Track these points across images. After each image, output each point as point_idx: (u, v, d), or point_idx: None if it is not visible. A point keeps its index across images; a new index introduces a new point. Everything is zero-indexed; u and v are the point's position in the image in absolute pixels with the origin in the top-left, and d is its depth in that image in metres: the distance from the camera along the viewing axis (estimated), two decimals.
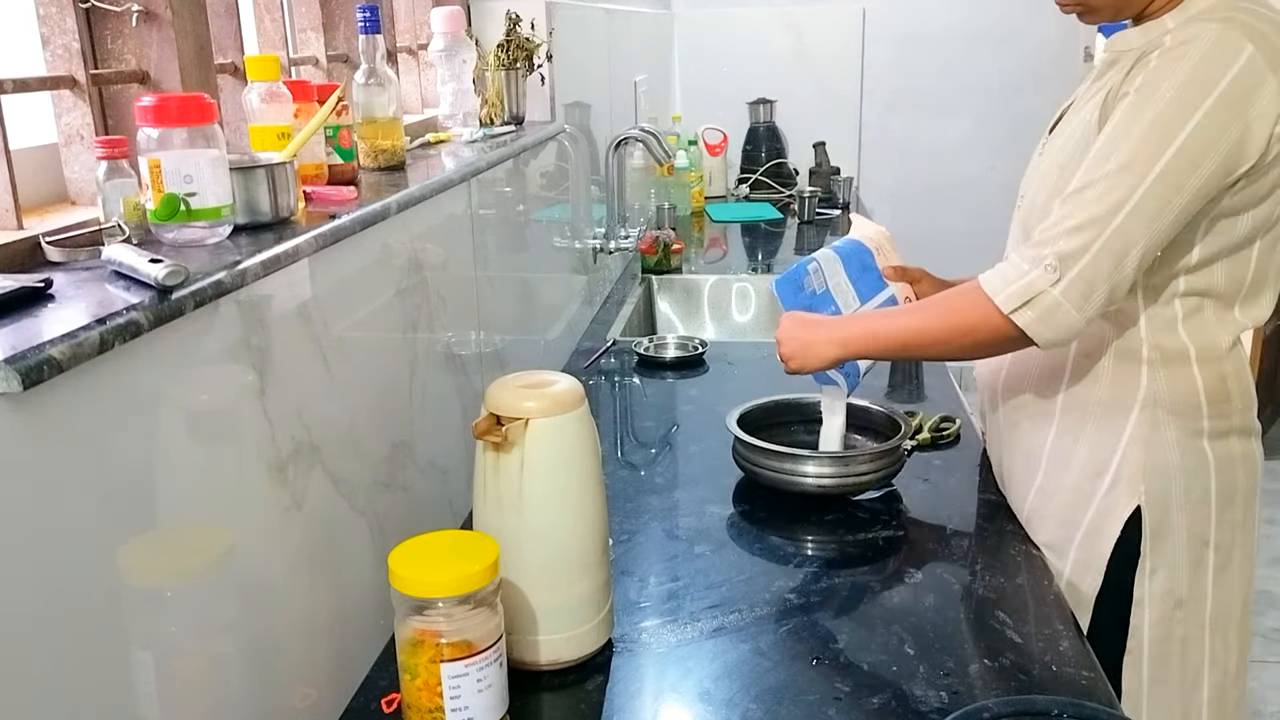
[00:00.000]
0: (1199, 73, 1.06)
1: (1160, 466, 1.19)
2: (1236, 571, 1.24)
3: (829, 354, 1.30)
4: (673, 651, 1.12)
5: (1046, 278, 1.09)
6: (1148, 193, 1.06)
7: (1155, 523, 1.19)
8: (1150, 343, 1.18)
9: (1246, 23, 1.07)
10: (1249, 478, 1.23)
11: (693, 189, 3.55)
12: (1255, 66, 1.05)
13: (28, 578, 0.62)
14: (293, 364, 0.93)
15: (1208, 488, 1.20)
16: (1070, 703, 0.98)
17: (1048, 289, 1.10)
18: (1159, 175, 1.06)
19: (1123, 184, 1.07)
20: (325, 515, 1.00)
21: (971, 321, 1.16)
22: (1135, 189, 1.06)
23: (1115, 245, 1.08)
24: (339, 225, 1.00)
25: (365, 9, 1.29)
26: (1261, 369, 3.81)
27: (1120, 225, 1.07)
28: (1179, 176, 1.06)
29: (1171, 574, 1.20)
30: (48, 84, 0.98)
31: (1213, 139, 1.05)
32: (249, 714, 0.88)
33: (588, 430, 1.06)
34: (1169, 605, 1.21)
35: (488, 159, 1.48)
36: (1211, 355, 1.18)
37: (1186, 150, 1.05)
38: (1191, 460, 1.19)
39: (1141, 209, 1.07)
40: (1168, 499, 1.19)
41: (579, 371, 2.03)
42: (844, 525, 1.39)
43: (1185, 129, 1.05)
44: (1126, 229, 1.07)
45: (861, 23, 3.91)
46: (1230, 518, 1.21)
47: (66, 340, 0.63)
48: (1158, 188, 1.06)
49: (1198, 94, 1.05)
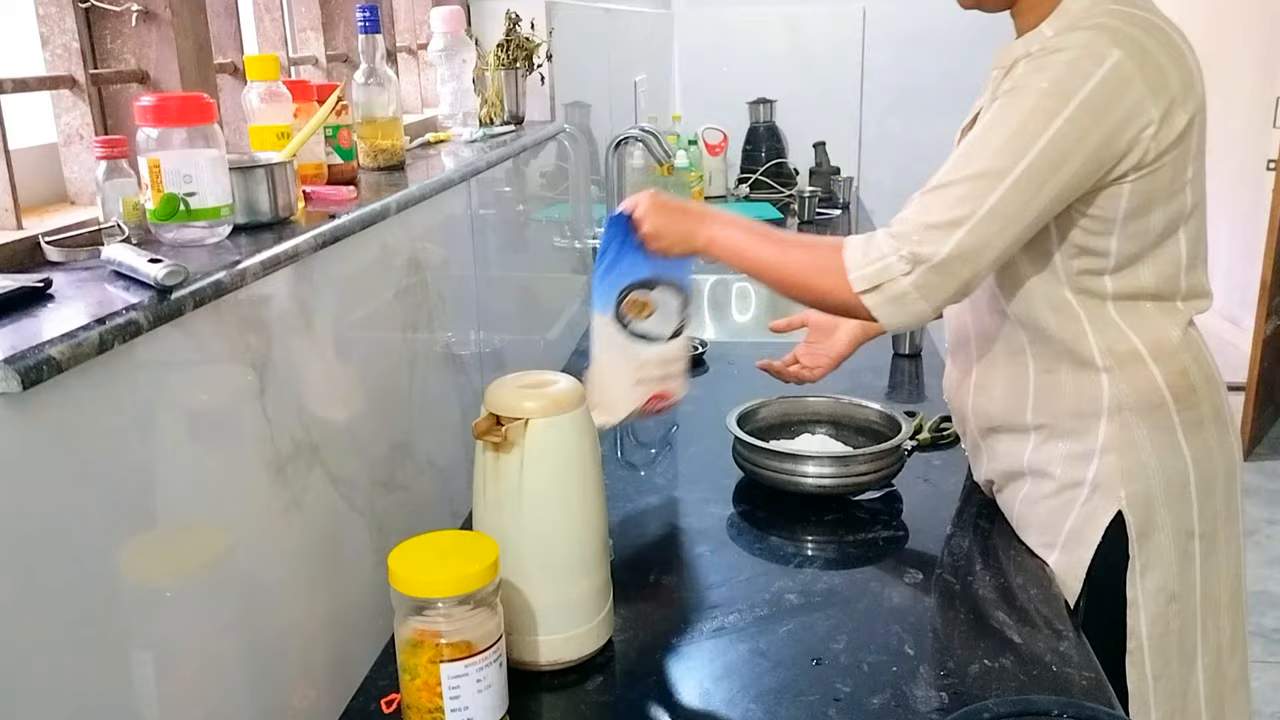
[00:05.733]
0: (1062, 80, 1.08)
1: (1138, 469, 1.19)
2: (1223, 554, 1.24)
3: (695, 245, 1.29)
4: (672, 652, 1.12)
5: (899, 267, 1.12)
6: (1004, 198, 1.09)
7: (1140, 523, 1.20)
8: (1101, 348, 1.19)
9: (1114, 28, 1.09)
10: (1227, 462, 1.23)
11: (693, 189, 3.55)
12: (1121, 72, 1.06)
13: (27, 577, 0.62)
14: (292, 364, 0.93)
15: (1187, 481, 1.20)
16: (1070, 703, 0.98)
17: (899, 278, 1.12)
18: (1015, 181, 1.08)
19: (981, 188, 1.09)
20: (325, 515, 1.00)
21: (825, 285, 1.18)
22: (992, 193, 1.09)
23: (969, 245, 1.10)
24: (338, 225, 1.00)
25: (365, 9, 1.29)
26: (1261, 369, 3.81)
27: (975, 227, 1.10)
28: (1035, 183, 1.08)
29: (1162, 570, 1.21)
30: (47, 84, 0.98)
31: (1072, 145, 1.07)
32: (249, 714, 0.88)
33: (588, 430, 1.06)
34: (1163, 601, 1.21)
35: (487, 159, 1.48)
36: (1165, 350, 1.19)
37: (1045, 156, 1.07)
38: (1168, 458, 1.20)
39: (997, 213, 1.09)
40: (1150, 499, 1.20)
41: (579, 371, 2.03)
42: (844, 525, 1.39)
43: (1045, 135, 1.07)
44: (981, 232, 1.10)
45: (861, 23, 3.91)
46: (1212, 506, 1.22)
47: (66, 340, 0.63)
48: (1014, 193, 1.09)
49: (1059, 101, 1.07)
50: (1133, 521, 1.20)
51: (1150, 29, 1.11)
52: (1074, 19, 1.13)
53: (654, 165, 3.03)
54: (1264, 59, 4.73)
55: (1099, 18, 1.11)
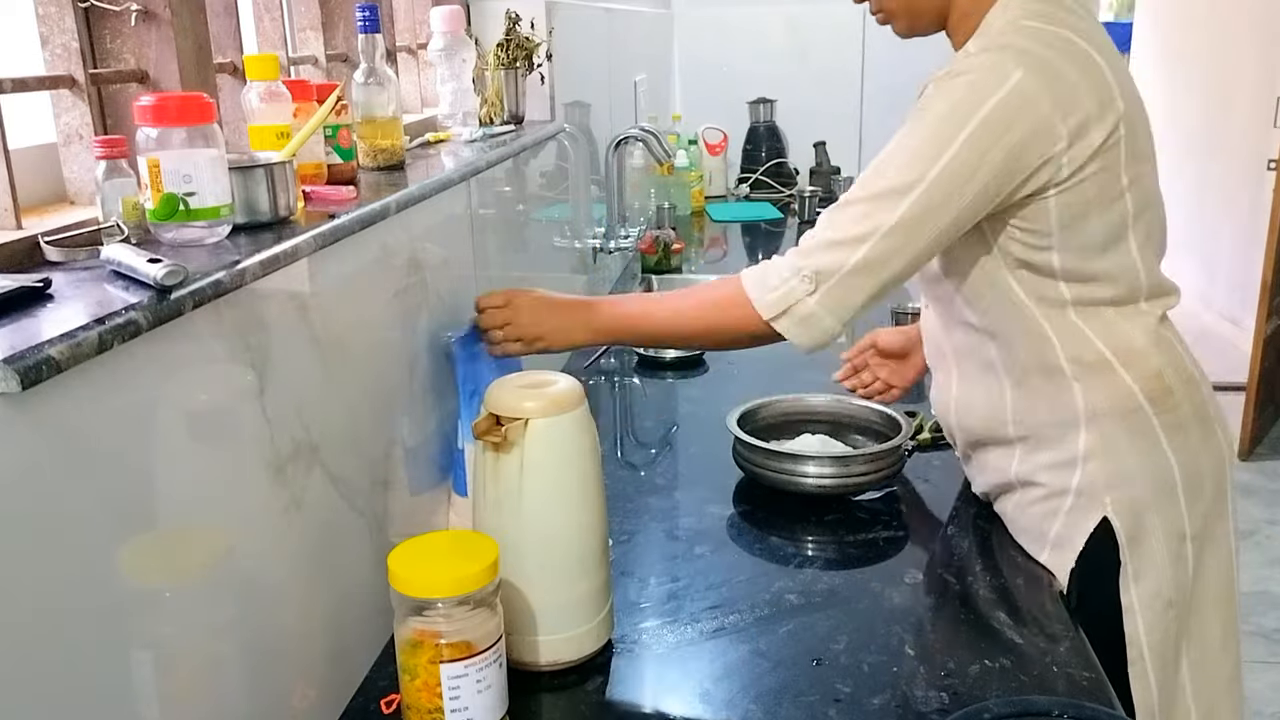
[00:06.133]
0: (963, 100, 1.09)
1: (1122, 475, 1.19)
2: (1215, 554, 1.24)
3: (580, 339, 1.31)
4: (673, 652, 1.12)
5: (803, 288, 1.14)
6: (906, 215, 1.11)
7: (1129, 528, 1.19)
8: (1068, 357, 1.18)
9: (1021, 47, 1.09)
10: (1214, 460, 1.23)
11: (693, 189, 3.55)
12: (1022, 91, 1.07)
13: (27, 578, 0.62)
14: (292, 364, 0.93)
15: (1173, 484, 1.19)
16: (1070, 703, 0.98)
17: (804, 298, 1.15)
18: (918, 197, 1.10)
19: (882, 207, 1.11)
20: (324, 515, 1.00)
21: (732, 320, 1.21)
22: (895, 209, 1.11)
23: (871, 261, 1.12)
24: (338, 225, 1.00)
25: (365, 8, 1.29)
26: (1261, 369, 3.81)
27: (877, 243, 1.12)
28: (938, 199, 1.10)
29: (1156, 576, 1.20)
30: (47, 83, 0.98)
31: (973, 164, 1.08)
32: (248, 714, 0.88)
33: (587, 430, 1.06)
34: (1159, 607, 1.20)
35: (487, 159, 1.48)
36: (1134, 355, 1.18)
37: (948, 171, 1.09)
38: (1151, 461, 1.19)
39: (899, 228, 1.11)
40: (1137, 504, 1.19)
41: (579, 371, 2.03)
42: (844, 525, 1.39)
43: (946, 153, 1.09)
44: (884, 246, 1.12)
45: (862, 23, 3.91)
46: (1201, 506, 1.21)
47: (65, 340, 0.63)
48: (916, 210, 1.10)
49: (959, 122, 1.09)
50: (1121, 527, 1.19)
51: (1064, 46, 1.10)
52: (991, 38, 1.14)
53: (654, 165, 3.03)
54: (1264, 59, 4.73)
55: (1010, 36, 1.12)
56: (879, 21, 1.30)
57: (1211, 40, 5.27)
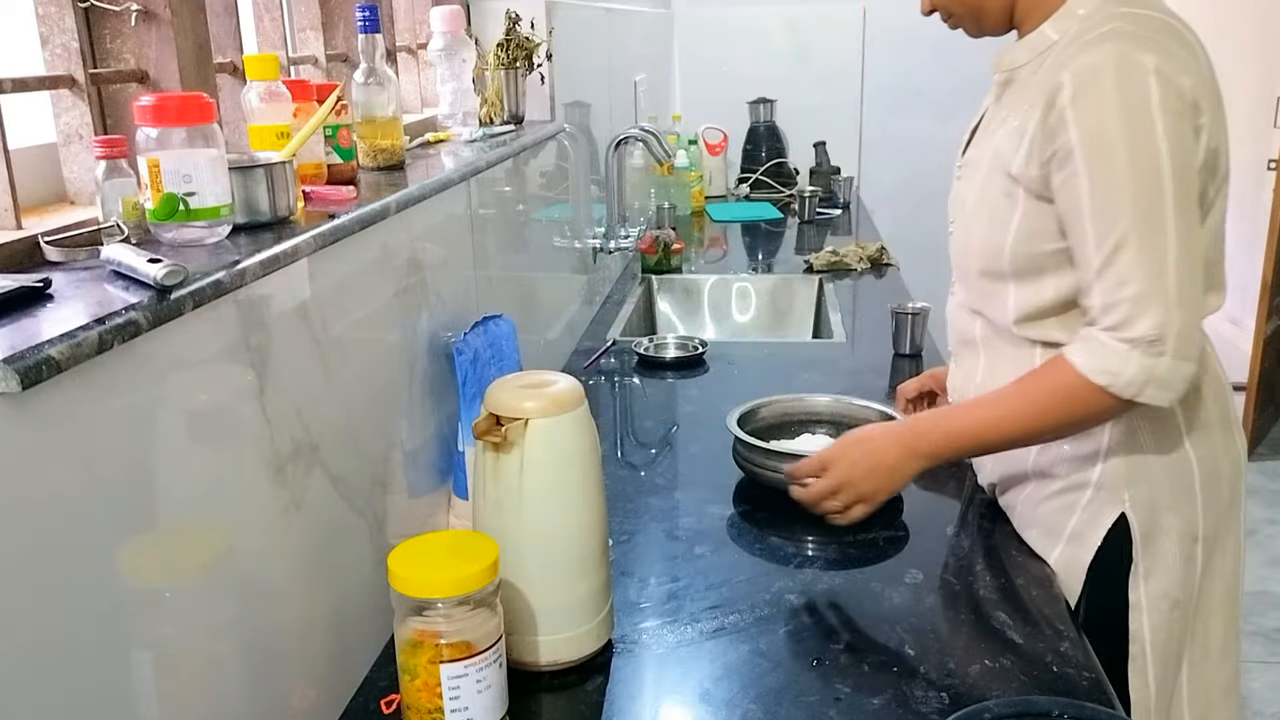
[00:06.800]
0: (1126, 100, 1.06)
1: (1142, 472, 1.19)
2: (1223, 558, 1.24)
3: (914, 472, 1.26)
4: (673, 652, 1.12)
5: (1152, 351, 1.08)
6: (1177, 225, 1.07)
7: (1144, 526, 1.19)
8: None
9: (1127, 33, 1.08)
10: (1232, 465, 1.23)
11: (693, 189, 3.55)
12: (1161, 71, 1.06)
13: (27, 578, 0.62)
14: (292, 364, 0.93)
15: (1192, 484, 1.20)
16: (1070, 703, 0.98)
17: (1159, 360, 1.09)
18: (1174, 204, 1.06)
19: (1149, 230, 1.07)
20: (324, 515, 1.00)
21: (1092, 411, 1.14)
22: (1164, 227, 1.06)
23: (1185, 285, 1.08)
24: (338, 225, 1.00)
25: (365, 8, 1.29)
26: (1261, 369, 3.81)
27: (1177, 266, 1.07)
28: (1186, 194, 1.07)
29: (1165, 575, 1.20)
30: (47, 83, 0.98)
31: (1185, 148, 1.07)
32: (248, 714, 0.88)
33: (588, 430, 1.06)
34: (1165, 607, 1.20)
35: (487, 159, 1.48)
36: None
37: (1176, 171, 1.06)
38: (1173, 461, 1.19)
39: (1182, 241, 1.07)
40: (1154, 502, 1.19)
41: (579, 371, 2.03)
42: (844, 525, 1.39)
43: (1160, 152, 1.06)
44: (1183, 266, 1.07)
45: (862, 22, 3.91)
46: (1216, 510, 1.21)
47: (65, 340, 0.63)
48: (1179, 214, 1.07)
49: (1143, 120, 1.06)
50: (1136, 523, 1.19)
51: (1164, 29, 1.10)
52: (1081, 22, 1.12)
53: (654, 165, 3.03)
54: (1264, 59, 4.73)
55: (1112, 23, 1.10)
56: (950, 26, 1.28)
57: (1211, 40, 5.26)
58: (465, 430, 1.26)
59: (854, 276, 2.72)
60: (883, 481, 1.26)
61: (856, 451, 1.27)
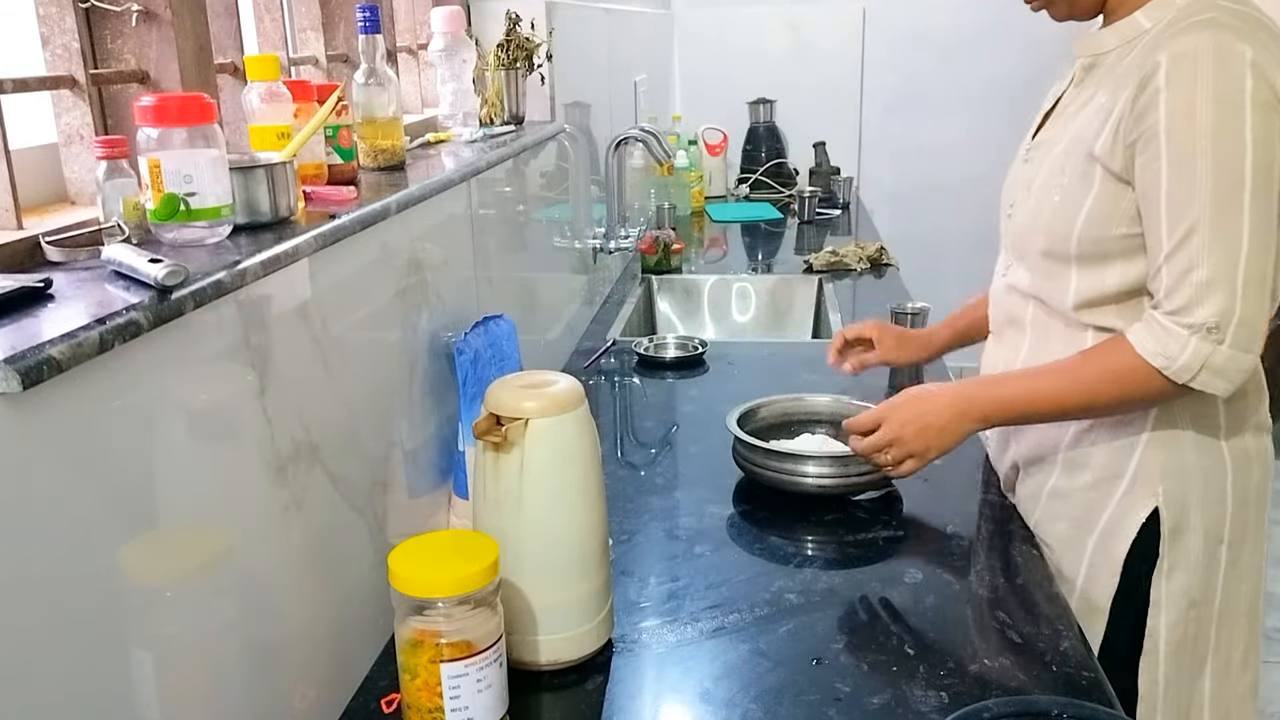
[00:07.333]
0: (1220, 87, 1.05)
1: (1178, 467, 1.19)
2: (1246, 564, 1.24)
3: (964, 431, 1.26)
4: (673, 652, 1.12)
5: (1211, 339, 1.09)
6: (1252, 217, 1.06)
7: (1173, 522, 1.19)
8: None
9: (1227, 24, 1.08)
10: (1264, 471, 1.23)
11: (693, 189, 3.55)
12: (1257, 64, 1.05)
13: (27, 578, 0.62)
14: (292, 364, 0.93)
15: (1224, 486, 1.20)
16: (1070, 703, 0.98)
17: (1216, 348, 1.09)
18: (1251, 196, 1.06)
19: (1224, 218, 1.06)
20: (325, 515, 1.00)
21: (1142, 392, 1.14)
22: (1239, 218, 1.06)
23: (1254, 278, 1.07)
24: (339, 225, 1.00)
25: (365, 9, 1.29)
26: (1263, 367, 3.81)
27: (1248, 257, 1.07)
28: (1266, 189, 1.06)
29: (1187, 574, 1.20)
30: (47, 84, 0.98)
31: (1271, 143, 1.06)
32: (248, 714, 0.88)
33: (588, 430, 1.06)
34: (1184, 606, 1.20)
35: (488, 159, 1.48)
36: None
37: (1259, 164, 1.05)
38: (1209, 460, 1.19)
39: (1256, 234, 1.07)
40: (1186, 499, 1.19)
41: (579, 371, 2.03)
42: (844, 525, 1.39)
43: (1245, 143, 1.05)
44: (1254, 259, 1.07)
45: (861, 22, 3.91)
46: (1244, 514, 1.21)
47: (66, 340, 0.63)
48: (1257, 207, 1.06)
49: (1234, 109, 1.05)
50: (1166, 518, 1.19)
51: (1262, 25, 1.10)
52: (1179, 11, 1.12)
53: (654, 165, 3.03)
54: None
55: (1211, 12, 1.09)
56: (1033, 9, 1.25)
57: None
58: (465, 430, 1.26)
59: (853, 276, 2.73)
60: (933, 440, 1.26)
61: (910, 410, 1.28)
